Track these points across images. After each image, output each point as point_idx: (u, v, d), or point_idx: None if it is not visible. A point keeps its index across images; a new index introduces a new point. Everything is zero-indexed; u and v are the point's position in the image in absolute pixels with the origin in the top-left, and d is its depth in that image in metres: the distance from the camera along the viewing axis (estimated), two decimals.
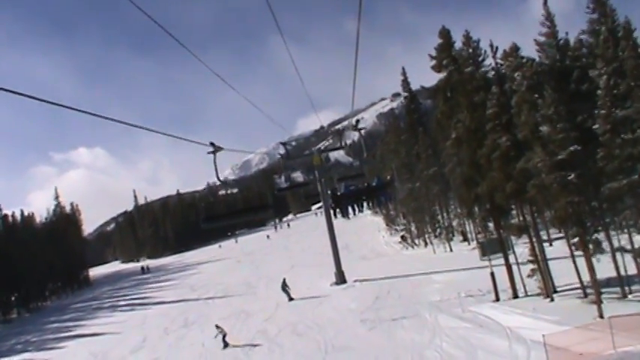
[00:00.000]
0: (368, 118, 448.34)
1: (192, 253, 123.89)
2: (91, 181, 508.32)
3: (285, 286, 38.22)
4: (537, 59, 24.65)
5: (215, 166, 17.34)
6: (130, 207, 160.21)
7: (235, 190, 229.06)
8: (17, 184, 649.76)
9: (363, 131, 37.66)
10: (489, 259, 28.00)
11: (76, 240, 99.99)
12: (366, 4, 8.39)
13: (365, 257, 54.19)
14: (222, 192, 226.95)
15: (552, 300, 25.08)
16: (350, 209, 26.99)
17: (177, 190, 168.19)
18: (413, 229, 58.47)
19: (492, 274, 27.62)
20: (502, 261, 27.86)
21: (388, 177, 33.17)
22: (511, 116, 24.82)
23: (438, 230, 48.44)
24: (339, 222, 38.98)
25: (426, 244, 53.07)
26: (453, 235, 50.98)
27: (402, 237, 59.30)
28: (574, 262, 24.42)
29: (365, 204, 30.43)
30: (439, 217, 50.85)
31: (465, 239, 49.77)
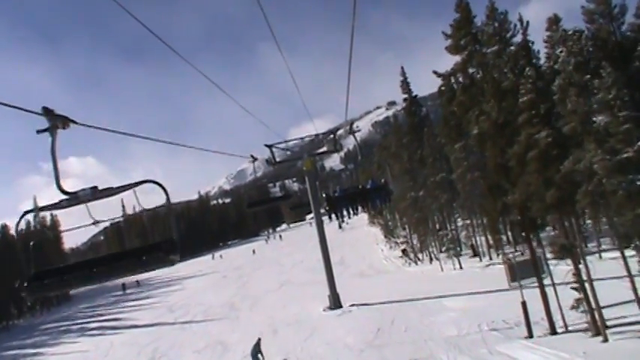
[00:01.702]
0: (363, 127, 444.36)
1: (180, 265, 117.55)
2: None
3: (257, 353, 25.11)
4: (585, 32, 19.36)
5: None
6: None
7: (228, 199, 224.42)
8: (7, 195, 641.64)
9: (357, 134, 33.48)
10: (520, 285, 22.50)
11: (55, 253, 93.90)
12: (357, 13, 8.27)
13: (363, 274, 48.70)
14: (213, 202, 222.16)
15: (606, 339, 19.52)
16: (345, 212, 26.24)
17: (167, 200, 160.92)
18: (415, 242, 53.03)
19: (524, 305, 22.08)
20: (530, 282, 22.54)
21: (383, 180, 29.91)
22: (552, 104, 19.36)
23: (446, 244, 42.65)
24: (333, 233, 34.22)
25: (431, 259, 47.58)
26: (461, 250, 45.45)
27: (403, 251, 53.81)
28: (634, 288, 19.02)
29: (360, 207, 28.57)
30: (447, 229, 45.16)
31: (475, 254, 44.31)
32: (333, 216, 26.54)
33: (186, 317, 43.63)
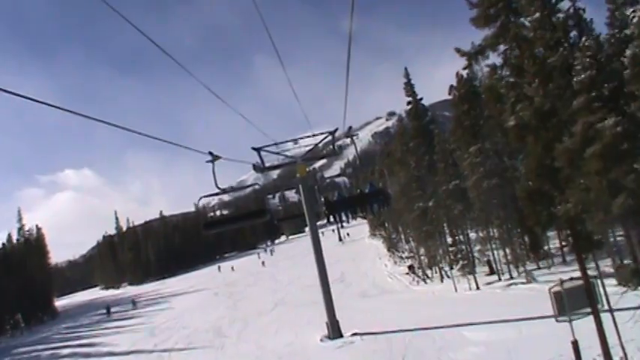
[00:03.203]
0: (363, 137, 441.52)
1: (174, 280, 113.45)
2: (81, 203, 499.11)
3: None
4: None
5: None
6: (111, 230, 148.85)
7: (226, 211, 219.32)
8: (4, 208, 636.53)
9: (357, 144, 32.61)
10: (570, 320, 17.61)
11: (39, 269, 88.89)
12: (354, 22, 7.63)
13: (365, 294, 43.76)
14: (210, 214, 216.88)
15: None
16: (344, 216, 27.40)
17: (161, 212, 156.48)
18: (423, 257, 48.14)
19: (576, 345, 17.21)
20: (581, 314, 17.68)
21: (380, 184, 28.29)
22: (620, 83, 14.57)
23: (461, 261, 37.48)
24: (333, 246, 29.91)
25: (441, 277, 42.63)
26: (474, 266, 40.49)
27: (410, 267, 48.91)
28: None
29: (359, 211, 30.00)
30: (460, 243, 40.01)
31: (492, 272, 39.42)
32: (336, 231, 25.81)
33: (167, 344, 38.64)
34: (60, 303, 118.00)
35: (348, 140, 32.39)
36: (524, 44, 17.49)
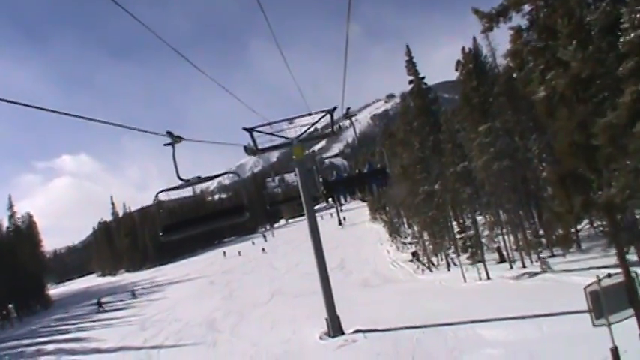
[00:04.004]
0: (362, 120, 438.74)
1: (171, 266, 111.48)
2: (79, 189, 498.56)
3: None
4: None
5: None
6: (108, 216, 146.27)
7: (224, 196, 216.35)
8: (2, 194, 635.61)
9: (356, 126, 31.17)
10: (608, 324, 15.13)
11: (31, 257, 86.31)
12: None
13: (367, 283, 41.34)
14: (211, 198, 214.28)
15: None
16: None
17: (157, 197, 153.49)
18: (427, 243, 45.69)
19: (615, 352, 14.75)
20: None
21: (379, 165, 28.73)
22: None
23: (471, 248, 34.82)
24: (333, 231, 27.67)
25: (448, 265, 40.20)
26: (483, 253, 37.98)
27: (414, 254, 46.44)
28: None
29: (358, 191, 28.82)
30: (468, 228, 37.31)
31: (502, 259, 37.00)
32: (335, 215, 23.20)
33: (157, 339, 36.35)
34: (56, 291, 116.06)
35: (347, 123, 30.52)
36: (557, 1, 14.82)
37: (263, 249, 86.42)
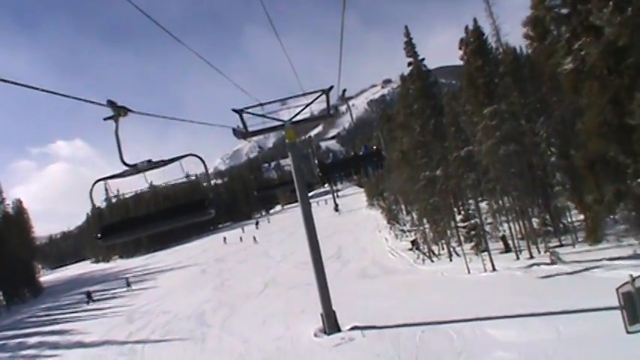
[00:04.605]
0: (359, 105, 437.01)
1: (164, 253, 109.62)
2: (74, 174, 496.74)
3: None
4: None
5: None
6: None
7: (219, 181, 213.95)
8: None
9: (353, 110, 30.24)
10: None
11: (21, 244, 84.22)
12: None
13: (365, 274, 39.45)
14: (211, 182, 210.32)
15: None
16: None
17: (151, 183, 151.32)
18: (428, 231, 43.81)
19: None
20: None
21: (374, 147, 25.90)
22: None
23: (475, 238, 32.74)
24: (329, 217, 26.29)
25: (450, 254, 38.34)
26: (487, 243, 36.06)
27: (413, 242, 44.55)
28: None
29: (354, 173, 26.98)
30: (475, 218, 35.20)
31: (507, 249, 35.18)
32: (331, 201, 21.60)
33: (143, 333, 34.53)
34: (48, 278, 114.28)
35: (344, 108, 29.09)
36: None
37: (254, 238, 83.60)
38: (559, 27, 13.95)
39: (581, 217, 35.11)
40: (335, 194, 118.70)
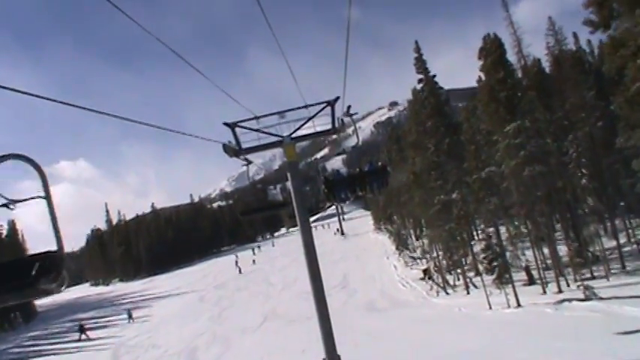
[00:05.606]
0: (365, 128, 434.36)
1: (165, 276, 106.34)
2: (78, 195, 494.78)
3: None
4: None
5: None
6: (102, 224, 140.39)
7: (223, 202, 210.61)
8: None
9: (360, 133, 24.74)
10: None
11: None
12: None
13: (373, 306, 36.03)
14: (213, 205, 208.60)
15: None
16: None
17: (153, 205, 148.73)
18: (441, 258, 40.39)
19: None
20: None
21: (380, 163, 22.02)
22: None
23: (497, 270, 28.93)
24: (334, 241, 22.41)
25: (467, 286, 34.86)
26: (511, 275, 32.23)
27: (425, 271, 41.09)
28: None
29: (359, 190, 21.42)
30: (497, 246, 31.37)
31: (531, 281, 31.77)
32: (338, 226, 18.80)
33: None
34: (45, 301, 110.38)
35: (350, 131, 25.83)
36: None
37: (253, 260, 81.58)
38: (632, 8, 10.83)
39: (614, 243, 31.82)
40: (341, 217, 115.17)
